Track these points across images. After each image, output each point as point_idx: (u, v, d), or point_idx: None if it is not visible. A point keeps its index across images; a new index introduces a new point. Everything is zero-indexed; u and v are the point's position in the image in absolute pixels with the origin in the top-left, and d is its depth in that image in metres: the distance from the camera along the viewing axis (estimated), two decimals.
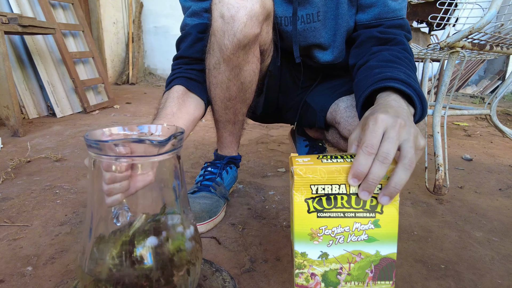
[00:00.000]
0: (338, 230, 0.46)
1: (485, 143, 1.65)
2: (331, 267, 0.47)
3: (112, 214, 0.46)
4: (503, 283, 0.64)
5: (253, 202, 0.94)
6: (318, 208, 0.45)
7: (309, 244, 0.46)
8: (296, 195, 0.44)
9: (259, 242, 0.74)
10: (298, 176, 0.43)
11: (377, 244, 0.47)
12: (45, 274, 0.63)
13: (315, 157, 0.46)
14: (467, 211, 0.93)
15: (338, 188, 0.44)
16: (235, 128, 0.87)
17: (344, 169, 0.43)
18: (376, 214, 0.46)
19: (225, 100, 0.78)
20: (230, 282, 0.56)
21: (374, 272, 0.48)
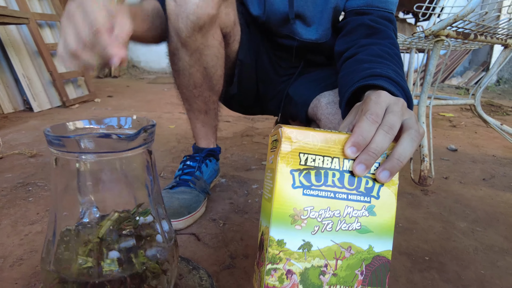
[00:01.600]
0: (327, 214, 0.38)
1: (469, 134, 1.66)
2: (313, 263, 0.39)
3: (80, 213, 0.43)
4: (486, 274, 0.63)
5: (236, 196, 0.91)
6: (305, 183, 0.38)
7: (289, 229, 0.38)
8: (281, 164, 0.37)
9: (241, 237, 0.72)
10: (287, 140, 0.36)
11: (371, 237, 0.40)
12: (12, 276, 0.59)
13: (307, 128, 0.39)
14: (452, 202, 0.92)
15: (330, 162, 0.38)
16: (208, 118, 0.84)
17: (341, 140, 0.37)
18: (371, 198, 0.39)
19: (191, 88, 0.76)
20: (207, 280, 0.54)
21: (365, 274, 0.40)
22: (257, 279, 0.43)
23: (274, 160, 0.39)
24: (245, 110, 0.99)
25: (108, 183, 0.40)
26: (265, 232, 0.40)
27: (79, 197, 0.40)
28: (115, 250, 0.40)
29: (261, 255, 0.40)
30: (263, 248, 0.40)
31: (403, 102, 0.41)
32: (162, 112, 1.99)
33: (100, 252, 0.40)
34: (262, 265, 0.39)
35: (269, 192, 0.39)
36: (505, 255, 0.69)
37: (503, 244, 0.73)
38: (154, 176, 0.44)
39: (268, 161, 0.42)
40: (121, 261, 0.39)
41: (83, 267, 0.38)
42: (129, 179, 0.42)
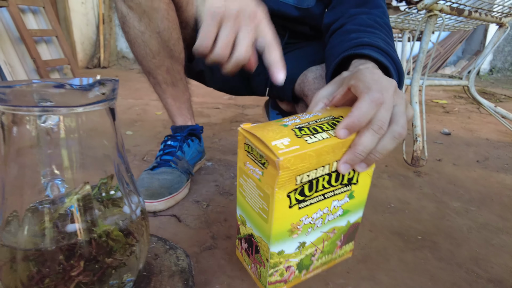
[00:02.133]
0: (318, 215, 0.40)
1: (463, 119, 1.63)
2: (307, 253, 0.42)
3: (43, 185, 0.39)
4: (480, 252, 0.60)
5: (222, 179, 0.87)
6: (300, 198, 0.37)
7: (287, 240, 0.39)
8: (279, 193, 0.34)
9: (224, 218, 0.68)
10: (285, 170, 0.33)
11: (349, 215, 0.43)
12: None
13: (291, 132, 0.35)
14: (445, 183, 0.89)
15: (322, 170, 0.36)
16: (176, 90, 0.79)
17: (333, 147, 0.35)
18: (352, 186, 0.41)
19: (149, 57, 0.71)
20: (184, 260, 0.50)
21: (343, 240, 0.45)
22: (250, 264, 0.46)
23: (265, 184, 0.36)
24: (230, 89, 0.94)
25: (64, 146, 0.35)
26: (260, 242, 0.40)
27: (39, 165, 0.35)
28: (73, 224, 0.36)
29: (258, 255, 0.42)
30: (259, 252, 0.41)
31: (395, 85, 0.38)
32: (149, 99, 1.94)
33: (58, 227, 0.35)
34: (262, 266, 0.42)
35: (262, 211, 0.38)
36: (499, 234, 0.66)
37: (497, 223, 0.70)
38: (119, 141, 0.39)
39: (245, 168, 0.39)
40: (79, 230, 0.35)
41: (37, 238, 0.34)
42: (89, 144, 0.38)
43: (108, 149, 0.39)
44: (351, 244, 0.47)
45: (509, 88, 2.84)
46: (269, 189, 0.35)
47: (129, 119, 1.48)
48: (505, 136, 1.34)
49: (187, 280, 0.46)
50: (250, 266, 0.46)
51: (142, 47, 0.70)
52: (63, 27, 3.28)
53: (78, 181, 0.38)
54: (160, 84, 0.77)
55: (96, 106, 0.34)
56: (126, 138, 1.20)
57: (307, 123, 0.37)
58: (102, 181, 0.38)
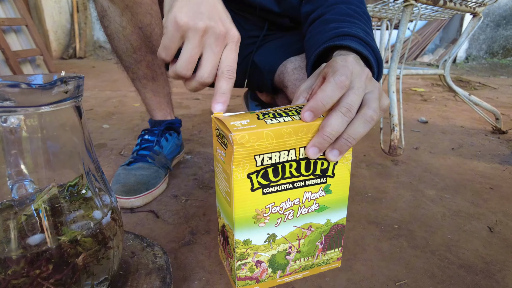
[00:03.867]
0: (287, 205, 0.39)
1: (440, 107, 1.67)
2: (279, 249, 0.41)
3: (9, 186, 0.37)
4: (453, 238, 0.62)
5: (201, 172, 0.87)
6: (264, 182, 0.36)
7: (253, 229, 0.38)
8: (237, 171, 0.34)
9: (203, 213, 0.67)
10: (239, 146, 0.33)
11: (328, 212, 0.41)
12: None
13: (254, 116, 0.36)
14: (422, 171, 0.91)
15: (287, 155, 0.36)
16: (157, 85, 0.77)
17: (296, 130, 0.35)
18: (327, 178, 0.39)
19: (130, 53, 0.69)
20: (162, 257, 0.49)
21: (324, 243, 0.43)
22: (225, 260, 0.45)
23: (227, 164, 0.35)
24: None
25: (29, 146, 0.34)
26: (228, 230, 0.39)
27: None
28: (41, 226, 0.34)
29: (228, 247, 0.41)
30: (229, 243, 0.40)
31: (367, 73, 0.38)
32: (127, 91, 1.89)
33: (23, 228, 0.34)
34: (232, 259, 0.40)
35: (227, 195, 0.37)
36: (471, 220, 0.69)
37: (469, 209, 0.73)
38: (87, 139, 0.38)
39: (216, 151, 0.39)
40: (47, 235, 0.33)
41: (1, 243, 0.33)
42: (56, 143, 0.36)
43: (77, 147, 0.38)
44: (338, 252, 0.45)
45: (483, 76, 2.93)
46: (229, 168, 0.35)
47: (106, 112, 1.44)
48: (479, 124, 1.38)
49: (165, 277, 0.45)
50: (225, 262, 0.45)
51: (122, 42, 0.67)
52: (34, 15, 3.14)
53: (45, 182, 0.36)
54: (140, 79, 0.75)
55: (60, 105, 0.32)
56: (103, 131, 1.17)
57: (276, 110, 0.37)
58: (69, 183, 0.37)
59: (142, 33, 0.66)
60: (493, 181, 0.87)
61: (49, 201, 0.36)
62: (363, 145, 1.09)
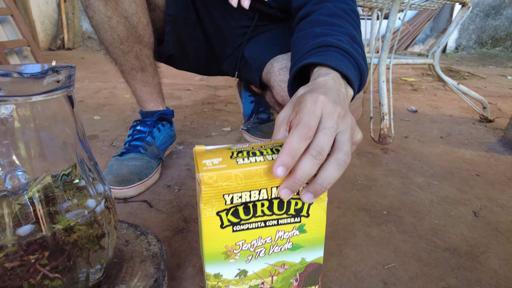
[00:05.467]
0: (259, 243, 0.38)
1: (429, 96, 1.69)
2: (251, 284, 0.41)
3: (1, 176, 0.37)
4: (439, 223, 0.64)
5: (193, 162, 0.87)
6: (234, 220, 0.36)
7: (223, 264, 0.38)
8: (205, 209, 0.34)
9: (196, 202, 0.68)
10: (206, 186, 0.33)
11: (302, 251, 0.41)
12: None
13: (227, 154, 0.35)
14: (411, 159, 0.93)
15: (258, 194, 0.35)
16: (146, 75, 0.77)
17: (266, 171, 0.34)
18: (301, 218, 0.39)
19: (117, 44, 0.68)
20: (156, 244, 0.50)
21: (299, 280, 0.43)
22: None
23: (198, 200, 0.35)
24: (199, 70, 0.92)
25: (21, 136, 0.34)
26: (202, 261, 0.39)
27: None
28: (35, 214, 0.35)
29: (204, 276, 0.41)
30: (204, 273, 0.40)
31: (339, 111, 0.36)
32: (117, 82, 1.87)
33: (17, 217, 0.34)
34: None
35: (200, 230, 0.37)
36: (457, 205, 0.71)
37: (456, 195, 0.75)
38: (79, 129, 0.38)
39: (196, 178, 0.37)
40: (42, 223, 0.34)
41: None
42: (48, 132, 0.36)
43: (69, 137, 0.38)
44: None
45: (472, 65, 2.96)
46: (199, 204, 0.35)
47: (96, 103, 1.42)
48: (467, 112, 1.41)
49: (159, 264, 0.46)
50: None
51: (109, 33, 0.66)
52: (19, 5, 3.07)
53: (38, 172, 0.37)
54: (129, 71, 0.75)
55: (51, 95, 0.33)
56: (94, 123, 1.16)
57: (251, 148, 0.37)
58: (63, 171, 0.37)
59: (128, 23, 0.66)
60: (480, 168, 0.89)
61: (43, 190, 0.36)
62: None
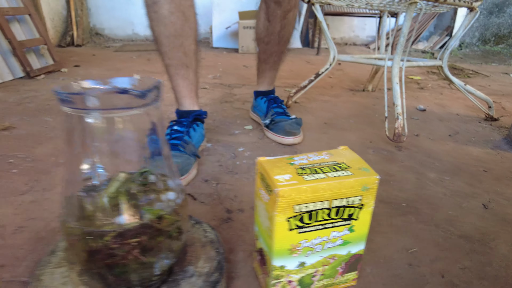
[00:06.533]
0: (317, 241, 0.46)
1: (436, 95, 1.76)
2: (307, 273, 0.48)
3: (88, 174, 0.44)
4: (453, 214, 0.72)
5: (224, 159, 0.94)
6: (300, 224, 0.44)
7: (287, 258, 0.46)
8: (278, 216, 0.42)
9: (234, 195, 0.76)
10: (282, 199, 0.41)
11: (349, 246, 0.49)
12: (16, 243, 0.60)
13: (294, 171, 0.43)
14: (423, 156, 1.01)
15: (321, 204, 0.43)
16: (188, 72, 0.85)
17: (330, 186, 0.42)
18: (352, 221, 0.46)
19: (171, 37, 0.78)
20: (211, 232, 0.57)
21: (344, 267, 0.50)
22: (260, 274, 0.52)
23: (270, 207, 0.43)
24: None
25: (120, 142, 0.41)
26: (266, 255, 0.47)
27: (93, 156, 0.41)
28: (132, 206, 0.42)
29: (265, 267, 0.49)
30: (266, 264, 0.48)
31: None
32: None
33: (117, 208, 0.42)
34: (268, 276, 0.48)
35: (268, 230, 0.45)
36: (468, 199, 0.78)
37: (466, 189, 0.83)
38: (161, 133, 0.45)
39: (259, 193, 0.46)
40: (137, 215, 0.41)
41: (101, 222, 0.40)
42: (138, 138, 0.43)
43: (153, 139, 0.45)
44: (355, 274, 0.52)
45: (476, 63, 3.03)
46: (272, 212, 0.43)
47: None
48: (472, 111, 1.48)
49: (218, 248, 0.54)
50: (261, 276, 0.52)
51: (168, 26, 0.76)
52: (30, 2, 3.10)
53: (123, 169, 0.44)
54: (176, 65, 0.83)
55: (151, 108, 0.40)
56: None
57: (311, 165, 0.44)
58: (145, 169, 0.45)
59: (184, 17, 0.76)
60: (487, 164, 0.97)
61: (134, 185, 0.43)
62: (369, 132, 1.18)
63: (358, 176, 0.43)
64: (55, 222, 0.66)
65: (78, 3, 3.62)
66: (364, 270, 0.56)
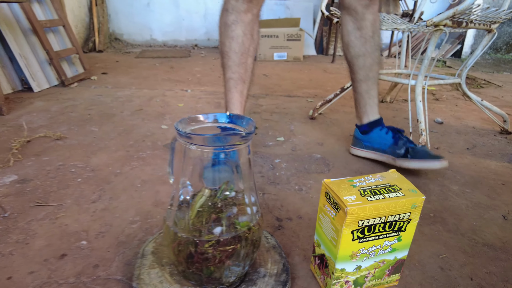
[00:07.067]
0: (372, 249, 0.56)
1: (451, 107, 1.84)
2: (362, 274, 0.59)
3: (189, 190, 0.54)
4: (476, 224, 0.81)
5: (264, 170, 1.04)
6: (361, 236, 0.54)
7: (348, 263, 0.56)
8: (345, 229, 0.52)
9: (281, 204, 0.86)
10: (350, 216, 0.50)
11: (396, 252, 0.59)
12: (101, 246, 0.70)
13: (357, 192, 0.53)
14: (444, 169, 1.10)
15: (379, 220, 0.53)
16: (244, 87, 0.98)
17: (387, 205, 0.52)
18: (400, 232, 0.57)
19: (239, 53, 0.92)
20: (271, 238, 0.68)
21: (390, 270, 0.61)
22: (319, 275, 0.62)
23: (337, 222, 0.53)
24: None
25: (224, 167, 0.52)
26: (329, 260, 0.58)
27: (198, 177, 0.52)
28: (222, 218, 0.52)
29: (326, 269, 0.59)
30: (327, 267, 0.59)
31: None
32: (163, 89, 2.04)
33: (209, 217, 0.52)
34: (328, 277, 0.59)
35: (333, 239, 0.55)
36: (489, 210, 0.88)
37: (487, 201, 0.92)
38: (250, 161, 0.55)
39: (324, 209, 0.57)
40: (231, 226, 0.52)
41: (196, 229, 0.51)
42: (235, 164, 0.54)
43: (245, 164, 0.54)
44: (397, 275, 0.62)
45: (488, 72, 3.09)
46: (339, 226, 0.53)
47: (155, 112, 1.60)
48: (488, 124, 1.57)
49: (281, 253, 0.64)
50: (319, 277, 0.62)
51: (239, 44, 0.91)
52: None
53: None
54: (235, 79, 0.96)
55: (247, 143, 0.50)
56: (164, 132, 1.34)
57: (370, 187, 0.54)
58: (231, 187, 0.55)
59: (252, 39, 0.91)
60: (504, 177, 1.05)
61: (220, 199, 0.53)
62: None
63: (409, 196, 0.52)
64: (129, 229, 0.76)
65: (100, 10, 3.76)
66: (403, 273, 0.65)
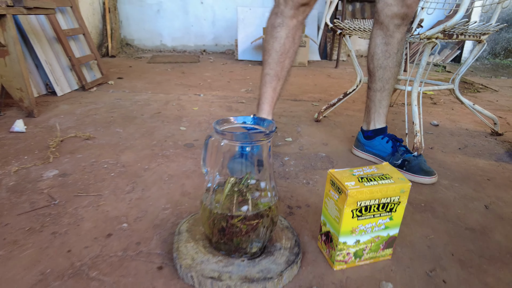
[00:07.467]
0: (369, 226, 0.68)
1: (448, 110, 1.97)
2: (360, 247, 0.70)
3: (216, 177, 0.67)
4: (461, 212, 0.93)
5: (275, 166, 1.17)
6: (359, 214, 0.66)
7: (349, 236, 0.68)
8: (346, 209, 0.64)
9: (290, 195, 0.99)
10: (350, 197, 0.62)
11: (388, 230, 0.71)
12: (140, 228, 0.83)
13: (356, 179, 0.65)
14: (437, 166, 1.22)
15: (374, 201, 0.65)
16: (278, 84, 1.10)
17: (381, 189, 0.64)
18: (392, 213, 0.69)
19: (279, 53, 1.04)
20: (284, 221, 0.80)
21: (384, 245, 0.73)
22: (325, 250, 0.75)
23: (340, 203, 0.66)
24: None
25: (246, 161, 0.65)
26: (333, 235, 0.70)
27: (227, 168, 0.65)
28: (247, 199, 0.65)
29: (331, 243, 0.71)
30: (332, 241, 0.71)
31: None
32: (178, 94, 2.18)
33: (238, 199, 0.65)
34: (333, 250, 0.71)
35: (336, 217, 0.68)
36: (473, 201, 1.00)
37: (472, 194, 1.04)
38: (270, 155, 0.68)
39: (329, 193, 0.69)
40: (255, 205, 0.65)
41: (227, 207, 0.64)
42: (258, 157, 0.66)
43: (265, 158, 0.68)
44: (390, 250, 0.73)
45: (486, 76, 3.21)
46: (341, 206, 0.65)
47: (173, 115, 1.74)
48: (480, 126, 1.69)
49: (293, 231, 0.77)
50: (325, 251, 0.74)
51: (281, 45, 1.03)
52: None
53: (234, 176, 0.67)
54: (272, 76, 1.08)
55: (270, 139, 0.63)
56: (183, 133, 1.48)
57: (366, 175, 0.67)
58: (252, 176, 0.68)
59: (293, 42, 1.04)
60: (490, 174, 1.18)
61: (245, 185, 0.66)
62: None
63: (398, 183, 0.65)
64: (162, 214, 0.89)
65: (112, 17, 3.92)
66: (396, 249, 0.78)
